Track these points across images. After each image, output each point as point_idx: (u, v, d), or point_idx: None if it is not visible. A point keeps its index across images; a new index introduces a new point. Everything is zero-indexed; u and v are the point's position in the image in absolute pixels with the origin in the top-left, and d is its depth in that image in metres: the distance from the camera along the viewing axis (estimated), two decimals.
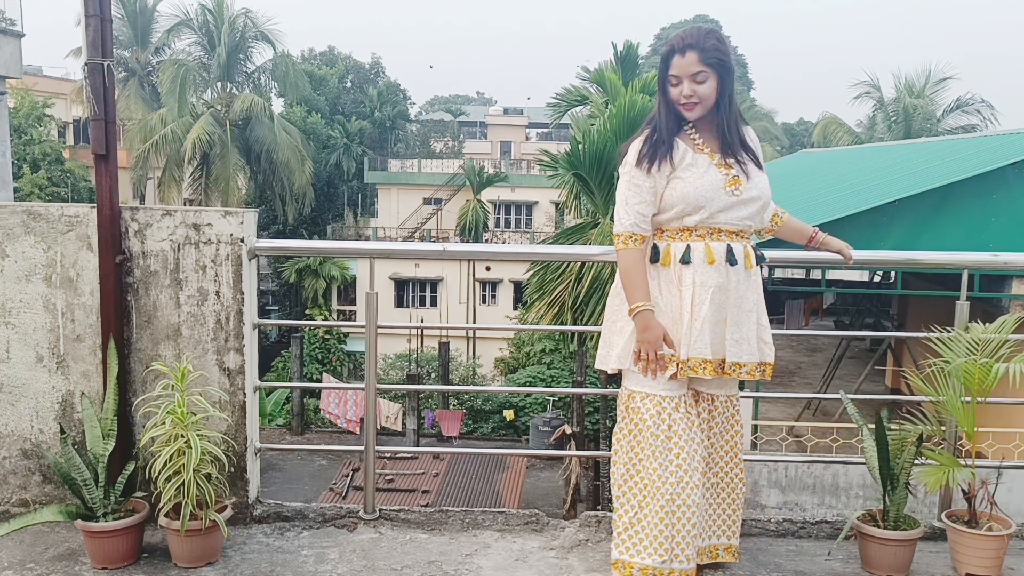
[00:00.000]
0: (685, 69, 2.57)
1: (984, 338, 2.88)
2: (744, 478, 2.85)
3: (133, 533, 2.87)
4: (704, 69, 2.56)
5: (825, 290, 14.99)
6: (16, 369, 3.15)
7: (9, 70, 13.81)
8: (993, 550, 2.80)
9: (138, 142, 31.35)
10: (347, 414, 21.20)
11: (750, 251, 2.68)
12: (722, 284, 2.61)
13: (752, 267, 2.67)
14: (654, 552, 2.59)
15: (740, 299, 2.64)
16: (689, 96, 2.58)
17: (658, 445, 2.61)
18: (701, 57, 2.55)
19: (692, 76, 2.57)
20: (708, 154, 2.65)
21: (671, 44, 2.61)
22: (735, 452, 2.83)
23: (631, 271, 2.63)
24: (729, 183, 2.62)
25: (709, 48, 2.56)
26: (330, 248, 9.07)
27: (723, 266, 2.61)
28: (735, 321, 2.63)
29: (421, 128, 50.17)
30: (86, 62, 2.98)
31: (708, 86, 2.58)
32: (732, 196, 2.62)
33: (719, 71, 2.58)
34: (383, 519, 3.25)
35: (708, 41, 2.57)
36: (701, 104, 2.60)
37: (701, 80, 2.57)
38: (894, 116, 32.28)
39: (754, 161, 2.68)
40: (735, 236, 2.66)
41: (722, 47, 2.58)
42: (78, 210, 3.12)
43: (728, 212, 2.63)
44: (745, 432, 10.88)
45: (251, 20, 33.76)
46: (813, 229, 3.03)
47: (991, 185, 10.53)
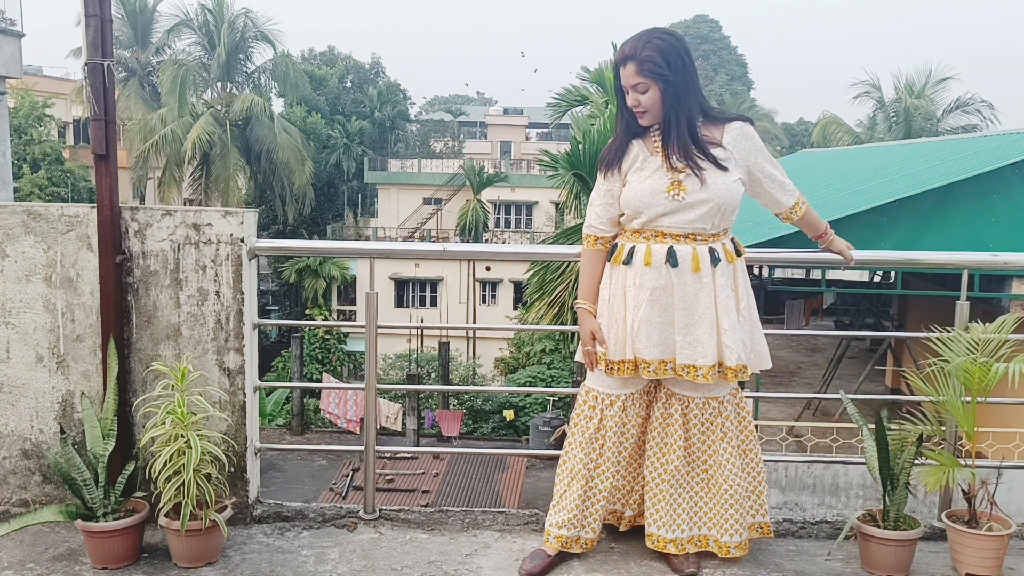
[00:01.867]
0: (627, 80, 2.63)
1: (984, 338, 2.88)
2: (736, 481, 2.81)
3: (133, 533, 2.88)
4: (642, 80, 2.60)
5: (825, 290, 14.98)
6: (16, 369, 3.15)
7: (9, 70, 13.82)
8: (993, 550, 2.80)
9: (138, 142, 31.36)
10: (347, 414, 21.20)
11: (701, 253, 2.66)
12: (663, 286, 2.66)
13: (700, 269, 2.65)
14: (568, 525, 2.84)
15: (689, 302, 2.66)
16: (635, 106, 2.65)
17: (585, 438, 2.82)
18: (637, 69, 2.59)
19: (633, 87, 2.62)
20: (663, 156, 2.67)
21: (615, 57, 2.68)
22: (722, 453, 2.81)
23: (583, 269, 2.85)
24: (670, 187, 2.64)
25: (644, 59, 2.58)
26: (330, 248, 9.06)
27: (663, 268, 2.66)
28: (685, 324, 2.66)
29: (421, 128, 50.20)
30: (86, 62, 2.98)
31: (650, 96, 2.61)
32: (673, 201, 2.63)
33: (659, 81, 2.59)
34: (383, 519, 3.25)
35: (645, 51, 2.58)
36: (648, 112, 2.64)
37: (642, 91, 2.61)
38: (894, 116, 32.30)
39: (715, 164, 2.64)
40: (683, 239, 2.67)
41: (660, 56, 2.57)
42: (78, 210, 3.12)
43: (672, 216, 2.65)
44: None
45: (251, 20, 33.79)
46: (825, 227, 3.03)
47: (991, 185, 10.53)
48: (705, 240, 2.69)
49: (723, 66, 58.54)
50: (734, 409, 2.85)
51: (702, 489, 2.85)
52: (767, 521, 2.92)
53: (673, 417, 2.81)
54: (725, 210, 2.68)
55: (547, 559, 2.84)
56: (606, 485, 2.84)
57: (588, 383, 2.87)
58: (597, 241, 2.82)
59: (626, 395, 2.80)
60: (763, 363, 2.84)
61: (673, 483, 2.81)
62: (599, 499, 2.86)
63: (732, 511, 2.82)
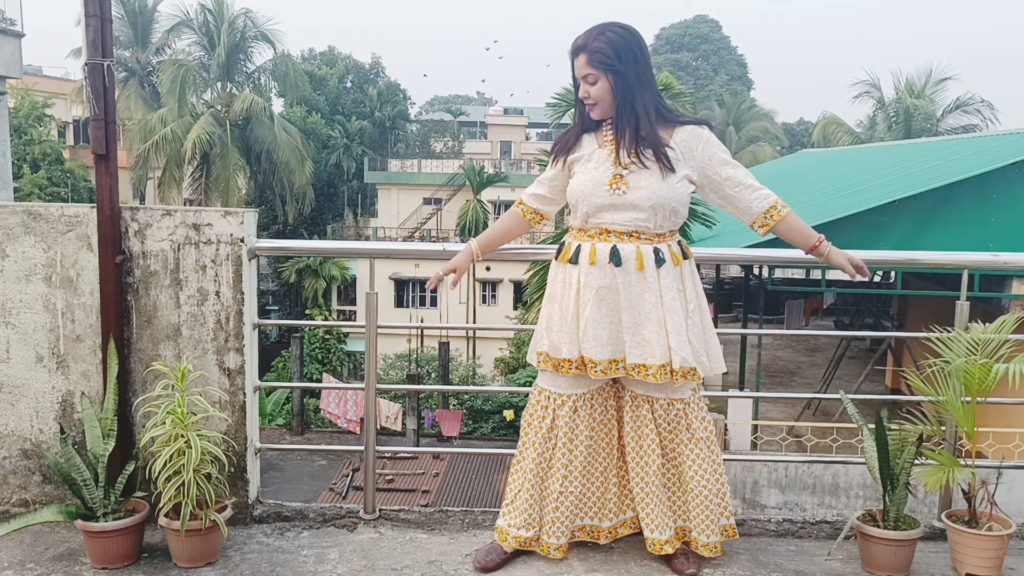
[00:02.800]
0: (578, 71, 2.64)
1: (984, 338, 2.88)
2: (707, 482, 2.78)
3: (133, 533, 2.88)
4: (592, 72, 2.60)
5: (825, 290, 14.99)
6: (16, 369, 3.15)
7: (9, 70, 13.82)
8: (993, 550, 2.80)
9: (138, 142, 31.36)
10: (347, 414, 21.20)
11: (645, 253, 2.64)
12: (608, 285, 2.65)
13: (644, 268, 2.63)
14: (525, 526, 2.82)
15: (634, 301, 2.64)
16: (585, 97, 2.65)
17: (539, 439, 2.80)
18: (588, 59, 2.60)
19: (584, 78, 2.63)
20: (611, 151, 2.67)
21: (570, 48, 2.66)
22: (692, 455, 2.78)
23: (497, 221, 2.94)
24: (612, 181, 2.63)
25: (595, 50, 2.58)
26: (330, 248, 9.06)
27: (607, 267, 2.64)
28: (633, 323, 2.64)
29: (421, 128, 50.20)
30: (86, 62, 2.98)
31: (600, 87, 2.61)
32: (613, 195, 2.63)
33: (609, 72, 2.58)
34: (383, 519, 3.25)
35: (596, 43, 2.58)
36: (599, 105, 2.64)
37: (591, 82, 2.62)
38: (894, 116, 32.29)
39: (663, 161, 2.61)
40: (627, 237, 2.65)
41: (610, 48, 2.57)
42: (78, 210, 3.12)
43: (614, 213, 2.64)
44: (744, 432, 10.91)
45: (251, 20, 33.77)
46: (818, 238, 2.80)
47: (991, 185, 10.54)
48: (650, 240, 2.66)
49: (723, 66, 58.52)
50: (699, 412, 2.81)
51: (677, 488, 2.84)
52: (732, 524, 2.88)
53: (644, 419, 2.77)
54: (667, 210, 2.64)
55: (503, 555, 2.84)
56: (556, 487, 2.79)
57: (539, 382, 2.84)
58: (520, 206, 2.90)
59: (577, 395, 2.77)
60: (716, 367, 2.77)
61: (658, 484, 2.79)
62: (551, 500, 2.80)
63: (707, 511, 2.79)
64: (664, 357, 2.63)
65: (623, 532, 2.94)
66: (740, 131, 45.32)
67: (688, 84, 34.53)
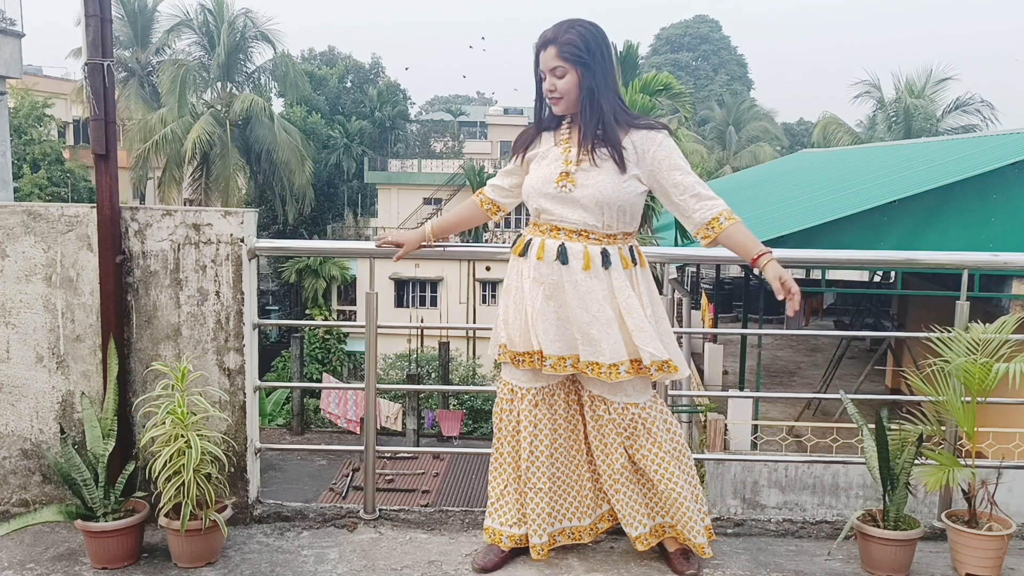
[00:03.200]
0: (545, 64, 2.61)
1: (984, 338, 2.88)
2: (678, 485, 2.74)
3: (133, 533, 2.88)
4: (561, 64, 2.57)
5: (825, 290, 14.99)
6: (16, 369, 3.16)
7: (9, 70, 13.83)
8: (993, 550, 2.80)
9: (138, 142, 31.37)
10: (347, 414, 21.20)
11: (592, 252, 2.63)
12: (555, 282, 2.65)
13: (591, 268, 2.62)
14: (516, 523, 2.83)
15: (582, 299, 2.62)
16: (551, 91, 2.62)
17: (509, 431, 2.82)
18: (558, 52, 2.57)
19: (551, 71, 2.60)
20: (564, 148, 2.67)
21: (536, 41, 2.64)
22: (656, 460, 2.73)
23: (457, 207, 3.04)
24: (560, 178, 2.63)
25: (565, 42, 2.56)
26: (330, 248, 9.06)
27: (554, 264, 2.64)
28: (581, 321, 2.63)
29: (421, 128, 50.19)
30: (86, 62, 2.98)
31: (567, 81, 2.59)
32: (560, 191, 2.63)
33: (578, 66, 2.57)
34: (383, 519, 3.25)
35: (567, 35, 2.57)
36: (564, 99, 2.62)
37: (560, 75, 2.59)
38: (894, 116, 32.32)
39: (616, 161, 2.59)
40: (577, 235, 2.65)
41: (581, 42, 2.56)
42: (78, 210, 3.12)
43: (562, 209, 2.64)
44: (744, 432, 10.91)
45: (251, 20, 33.78)
46: (760, 251, 2.63)
47: (991, 185, 10.54)
48: (598, 240, 2.64)
49: (723, 66, 58.54)
50: (660, 416, 2.76)
51: (649, 487, 2.81)
52: (708, 524, 2.84)
53: (604, 419, 2.75)
54: (613, 210, 2.62)
55: (501, 555, 2.83)
56: (539, 485, 2.78)
57: (502, 375, 2.85)
58: (479, 195, 2.94)
59: (536, 388, 2.75)
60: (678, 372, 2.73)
61: (624, 480, 2.77)
62: (537, 501, 2.78)
63: (687, 513, 2.76)
64: (615, 357, 2.61)
65: (603, 526, 2.94)
66: (740, 131, 45.33)
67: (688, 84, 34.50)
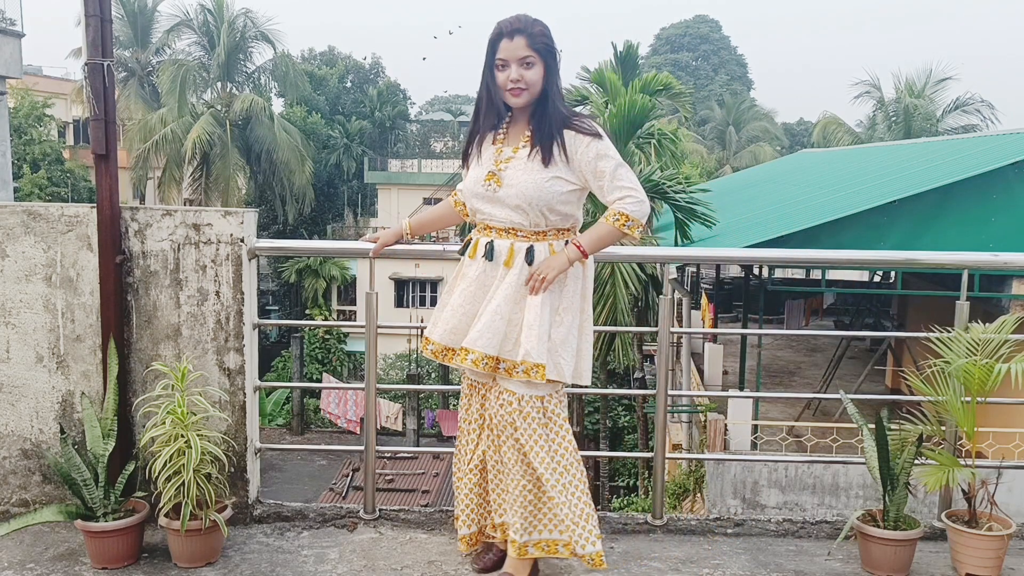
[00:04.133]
0: (513, 53, 2.55)
1: (984, 338, 2.88)
2: (519, 485, 2.63)
3: (133, 533, 2.88)
4: (532, 54, 2.55)
5: (825, 290, 14.99)
6: (16, 369, 3.15)
7: (9, 70, 13.82)
8: (993, 550, 2.80)
9: (138, 142, 31.37)
10: (347, 414, 21.21)
11: (517, 249, 2.62)
12: (478, 278, 2.68)
13: (512, 265, 2.62)
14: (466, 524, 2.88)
15: (494, 295, 2.64)
16: (517, 81, 2.56)
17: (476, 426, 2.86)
18: (529, 42, 2.54)
19: (521, 60, 2.55)
20: (498, 148, 2.67)
21: (499, 28, 2.58)
22: (507, 452, 2.65)
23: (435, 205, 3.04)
24: (487, 178, 2.65)
25: (536, 33, 2.55)
26: (330, 248, 9.05)
27: (480, 260, 2.68)
28: (483, 313, 2.64)
29: (421, 128, 50.18)
30: (86, 62, 2.98)
31: (535, 72, 2.57)
32: (487, 191, 2.65)
33: (546, 58, 2.57)
34: (383, 519, 3.25)
35: (536, 27, 2.57)
36: (528, 91, 2.58)
37: (529, 65, 2.56)
38: (894, 116, 32.31)
39: (545, 161, 2.57)
40: (505, 233, 2.66)
41: (549, 34, 2.58)
42: (78, 210, 3.12)
43: (491, 208, 2.66)
44: (744, 432, 10.91)
45: (251, 20, 33.77)
46: (577, 242, 2.65)
47: (991, 185, 10.54)
48: (526, 237, 2.64)
49: (723, 66, 58.50)
50: (530, 414, 2.62)
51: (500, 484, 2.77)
52: (565, 540, 2.62)
53: (492, 407, 2.72)
54: (537, 208, 2.59)
55: (500, 553, 2.83)
56: (459, 478, 2.88)
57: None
58: (454, 196, 2.95)
59: (471, 381, 2.82)
60: (578, 377, 2.67)
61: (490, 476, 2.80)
62: (461, 496, 2.86)
63: (520, 511, 2.66)
64: (489, 348, 2.59)
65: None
66: (740, 131, 45.33)
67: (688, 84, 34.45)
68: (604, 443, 17.54)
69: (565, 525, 2.60)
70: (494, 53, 2.58)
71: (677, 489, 12.50)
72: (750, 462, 9.78)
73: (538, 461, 2.61)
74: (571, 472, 2.64)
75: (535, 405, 2.63)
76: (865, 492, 9.83)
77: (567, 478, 2.62)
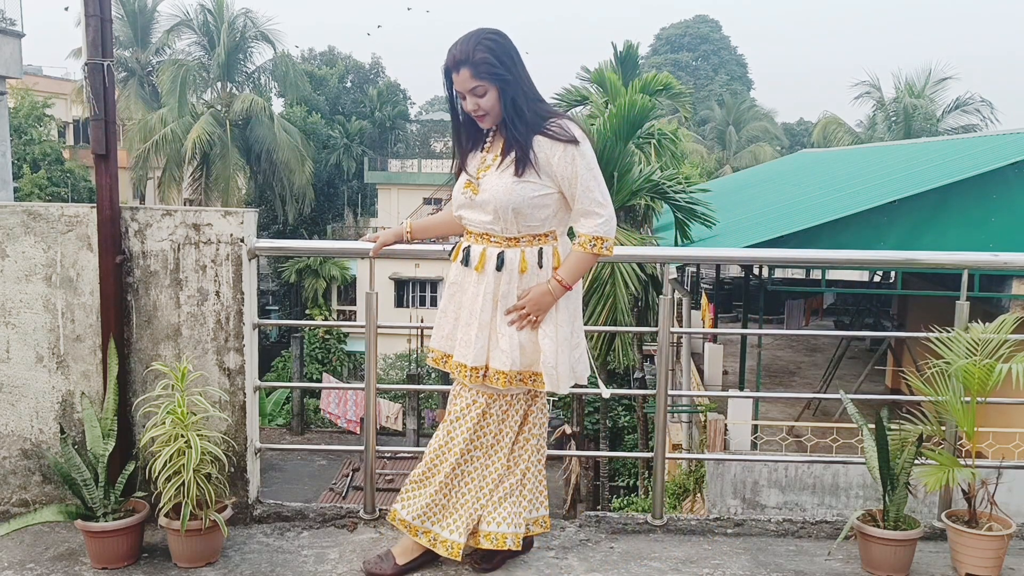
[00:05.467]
0: (463, 86, 2.59)
1: (984, 338, 2.88)
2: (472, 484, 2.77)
3: (133, 533, 2.88)
4: (479, 83, 2.56)
5: (825, 290, 14.99)
6: (16, 369, 3.15)
7: (9, 70, 13.82)
8: (993, 550, 2.80)
9: (138, 142, 31.40)
10: (347, 414, 21.21)
11: (489, 255, 2.66)
12: (458, 282, 2.75)
13: (482, 271, 2.66)
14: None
15: (471, 300, 2.69)
16: (475, 110, 2.62)
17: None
18: (473, 72, 2.55)
19: (471, 91, 2.58)
20: (482, 156, 2.71)
21: (446, 61, 2.61)
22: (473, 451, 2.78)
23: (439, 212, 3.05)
24: (467, 185, 2.71)
25: (479, 62, 2.54)
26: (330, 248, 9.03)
27: (459, 264, 2.75)
28: (464, 321, 2.71)
29: (421, 128, 50.18)
30: (86, 62, 2.98)
31: (489, 98, 2.58)
32: (465, 198, 2.71)
33: (495, 82, 2.56)
34: (383, 519, 3.25)
35: (478, 54, 2.54)
36: (488, 115, 2.62)
37: (480, 94, 2.58)
38: (894, 116, 32.32)
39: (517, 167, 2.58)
40: (480, 238, 2.70)
41: (492, 57, 2.54)
42: (78, 210, 3.12)
43: (471, 213, 2.71)
44: (744, 432, 10.91)
45: (251, 20, 33.81)
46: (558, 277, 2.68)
47: (991, 185, 10.54)
48: (499, 243, 2.66)
49: (723, 66, 58.51)
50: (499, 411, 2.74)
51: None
52: (502, 533, 2.74)
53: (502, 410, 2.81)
54: (508, 212, 2.60)
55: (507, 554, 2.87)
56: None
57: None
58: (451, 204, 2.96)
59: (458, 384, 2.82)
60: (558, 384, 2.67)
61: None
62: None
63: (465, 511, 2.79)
64: (479, 360, 2.66)
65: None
66: (740, 131, 45.34)
67: (688, 84, 34.46)
68: (604, 443, 17.53)
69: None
70: (451, 85, 2.63)
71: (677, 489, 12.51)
72: (750, 462, 9.78)
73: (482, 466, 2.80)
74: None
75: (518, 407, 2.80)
76: (865, 492, 9.84)
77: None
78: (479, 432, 2.75)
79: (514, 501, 2.75)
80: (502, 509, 2.74)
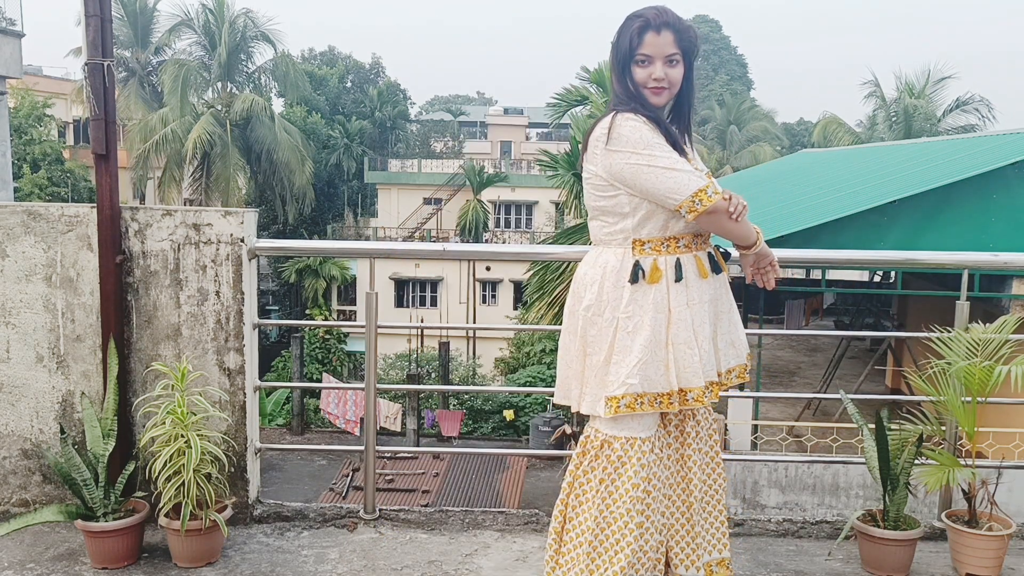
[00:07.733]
0: (660, 49, 2.26)
1: (984, 338, 2.88)
2: (725, 486, 2.49)
3: (133, 533, 2.88)
4: (678, 52, 2.28)
5: (825, 290, 14.99)
6: (16, 369, 3.15)
7: (9, 70, 13.82)
8: (993, 550, 2.80)
9: (138, 142, 31.38)
10: (347, 414, 21.18)
11: (711, 257, 2.51)
12: (711, 298, 2.49)
13: (708, 276, 2.47)
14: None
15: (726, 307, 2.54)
16: (660, 80, 2.28)
17: (638, 496, 2.27)
18: (677, 38, 2.27)
19: (667, 57, 2.27)
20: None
21: (644, 18, 2.27)
22: (716, 462, 2.48)
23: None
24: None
25: (684, 29, 2.28)
26: (330, 248, 9.07)
27: (698, 278, 2.46)
28: (723, 330, 2.52)
29: (421, 128, 50.20)
30: (86, 62, 2.98)
31: (679, 72, 2.31)
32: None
33: (689, 58, 2.32)
34: (383, 519, 3.25)
35: (683, 23, 2.29)
36: (669, 90, 2.31)
37: (675, 63, 2.29)
38: (894, 116, 32.30)
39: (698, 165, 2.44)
40: (701, 243, 2.54)
41: (693, 35, 2.32)
42: (78, 210, 3.12)
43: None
44: (744, 432, 10.92)
45: (251, 20, 33.79)
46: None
47: (991, 185, 10.54)
48: (703, 244, 2.53)
49: (723, 66, 58.54)
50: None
51: (704, 508, 2.49)
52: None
53: (676, 436, 2.55)
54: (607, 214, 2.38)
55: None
56: (652, 544, 2.33)
57: (620, 432, 2.32)
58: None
59: (656, 435, 2.38)
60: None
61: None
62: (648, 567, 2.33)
63: (726, 522, 2.53)
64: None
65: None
66: (740, 131, 45.34)
67: None
68: None
69: None
70: (639, 46, 2.28)
71: None
72: (750, 462, 9.78)
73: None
74: None
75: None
76: (865, 492, 9.84)
77: None
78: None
79: None
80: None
